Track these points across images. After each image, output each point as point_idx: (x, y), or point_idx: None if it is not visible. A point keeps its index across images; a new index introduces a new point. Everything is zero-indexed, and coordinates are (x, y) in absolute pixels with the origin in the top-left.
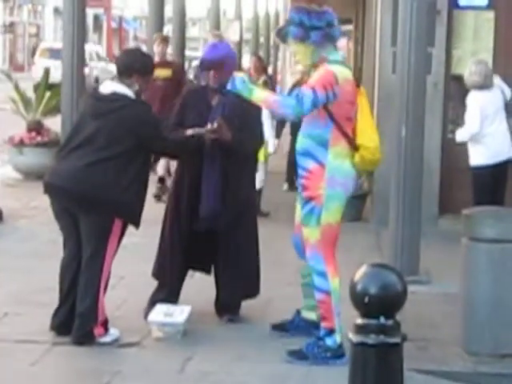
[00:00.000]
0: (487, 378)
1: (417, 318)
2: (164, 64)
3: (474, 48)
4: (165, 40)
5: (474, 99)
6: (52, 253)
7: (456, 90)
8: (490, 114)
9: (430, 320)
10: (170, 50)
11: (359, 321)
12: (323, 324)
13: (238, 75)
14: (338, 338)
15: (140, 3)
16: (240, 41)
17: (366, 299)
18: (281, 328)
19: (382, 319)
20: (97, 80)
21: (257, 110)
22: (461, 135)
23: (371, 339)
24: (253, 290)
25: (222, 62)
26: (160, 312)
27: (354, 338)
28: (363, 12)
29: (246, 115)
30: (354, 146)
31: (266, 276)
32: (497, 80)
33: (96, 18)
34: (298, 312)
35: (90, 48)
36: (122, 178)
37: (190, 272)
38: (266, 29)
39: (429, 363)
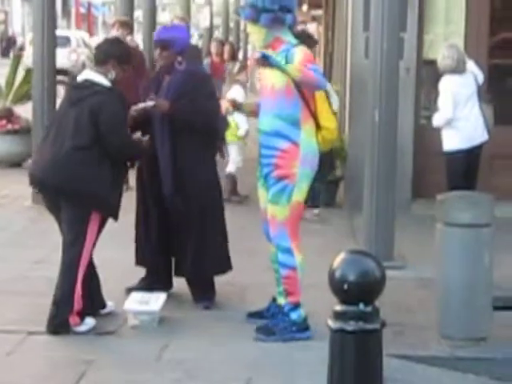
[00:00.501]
0: (463, 362)
1: (392, 303)
2: None
3: (446, 32)
4: (124, 24)
5: (447, 84)
6: (26, 242)
7: (428, 75)
8: (462, 99)
9: (405, 305)
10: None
11: (338, 307)
12: (289, 299)
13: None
14: (302, 312)
15: None
16: (210, 26)
17: (345, 286)
18: (257, 316)
19: (361, 306)
20: (83, 66)
21: (207, 87)
22: (436, 120)
23: (350, 326)
24: (222, 266)
25: (169, 42)
26: (135, 300)
27: (332, 324)
28: None
29: (195, 92)
30: (318, 126)
31: (241, 263)
32: (470, 64)
33: (64, 3)
34: (274, 299)
35: (77, 34)
36: (96, 170)
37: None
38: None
39: (405, 348)
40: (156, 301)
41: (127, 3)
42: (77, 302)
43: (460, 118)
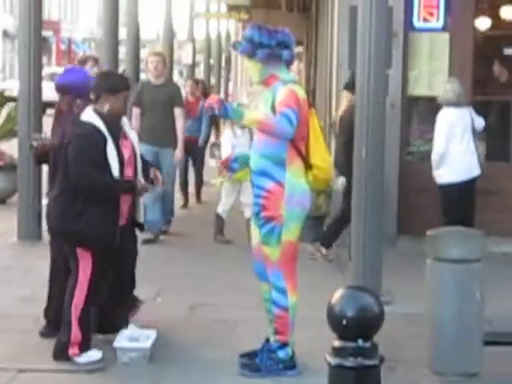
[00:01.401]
0: None
1: (382, 339)
2: None
3: (430, 69)
4: (97, 61)
5: (444, 116)
6: (10, 279)
7: (412, 111)
8: (459, 132)
9: (395, 341)
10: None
11: (337, 343)
12: (278, 337)
13: (228, 103)
14: (289, 350)
15: (89, 26)
16: (193, 63)
17: (344, 322)
18: (250, 357)
19: (360, 341)
20: None
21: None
22: (432, 155)
23: (349, 362)
24: None
25: (66, 87)
26: (125, 337)
27: (331, 360)
28: (316, 34)
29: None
30: (308, 165)
31: (230, 301)
32: (469, 109)
33: (45, 40)
34: (267, 340)
35: (60, 71)
36: (80, 208)
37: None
38: (217, 50)
39: (397, 383)
40: (146, 338)
41: (112, 40)
42: (75, 333)
43: (458, 150)
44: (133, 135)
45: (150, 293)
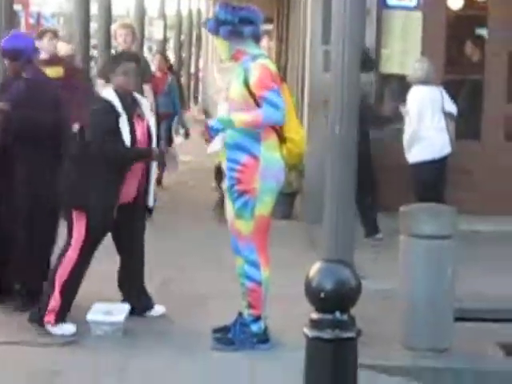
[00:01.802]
0: (426, 372)
1: (355, 314)
2: (54, 62)
3: (402, 47)
4: (56, 35)
5: (415, 94)
6: None
7: (384, 89)
8: (429, 110)
9: (367, 316)
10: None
11: (314, 316)
12: (251, 311)
13: (209, 122)
14: (262, 324)
15: (58, 0)
16: (164, 39)
17: (322, 294)
18: (223, 331)
19: (338, 314)
20: None
21: (46, 96)
22: (404, 136)
23: (327, 334)
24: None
25: (16, 53)
26: (99, 310)
27: (309, 332)
28: (287, 11)
29: (30, 101)
30: (282, 139)
31: (203, 275)
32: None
33: (14, 13)
34: (240, 314)
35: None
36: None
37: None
38: (188, 27)
39: (370, 358)
40: (119, 311)
41: (84, 15)
42: (54, 301)
43: (430, 128)
44: (149, 116)
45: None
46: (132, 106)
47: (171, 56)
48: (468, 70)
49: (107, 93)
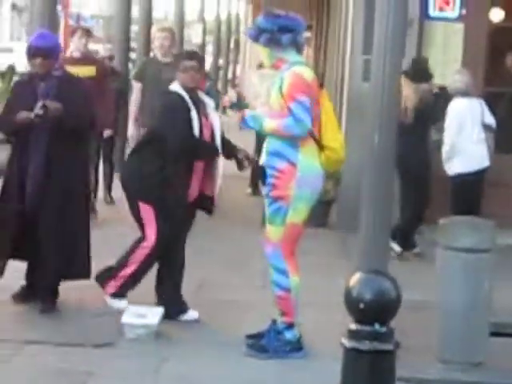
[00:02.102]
0: None
1: None
2: (86, 61)
3: (443, 59)
4: (88, 33)
5: (455, 106)
6: None
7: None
8: (469, 122)
9: (400, 327)
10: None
11: (353, 326)
12: (283, 319)
13: (249, 113)
14: (296, 332)
15: (98, 2)
16: (203, 43)
17: (361, 305)
18: (256, 338)
19: (377, 326)
20: None
21: (82, 92)
22: (444, 148)
23: (365, 345)
24: (77, 272)
25: (49, 51)
26: (133, 313)
27: (347, 343)
28: (327, 19)
29: (71, 99)
30: (320, 146)
31: (238, 280)
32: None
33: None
34: (274, 321)
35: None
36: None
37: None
38: (227, 32)
39: (403, 371)
40: (153, 315)
41: (125, 17)
42: (123, 275)
43: (467, 140)
44: (214, 116)
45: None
46: (198, 104)
47: (208, 61)
48: (509, 82)
49: (176, 86)
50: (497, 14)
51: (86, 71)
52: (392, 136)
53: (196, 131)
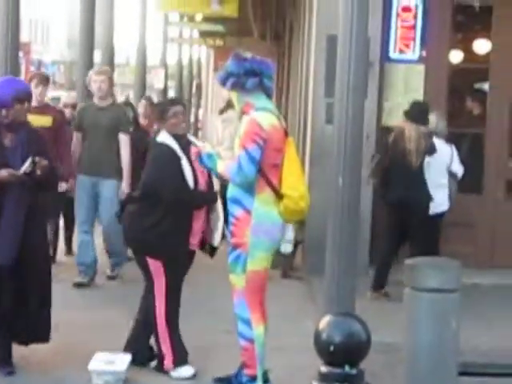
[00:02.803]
0: None
1: None
2: (43, 110)
3: (405, 100)
4: (45, 80)
5: None
6: None
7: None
8: (435, 165)
9: (369, 369)
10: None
11: (323, 369)
12: (246, 371)
13: (205, 151)
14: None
15: (59, 48)
16: (165, 88)
17: (331, 348)
18: (224, 382)
19: (347, 368)
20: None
21: (46, 143)
22: None
23: None
24: (40, 336)
25: (28, 96)
26: (100, 360)
27: None
28: (288, 62)
29: (41, 151)
30: (278, 195)
31: (206, 324)
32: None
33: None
34: (242, 367)
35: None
36: (145, 219)
37: (127, 319)
38: (189, 76)
39: None
40: (121, 361)
41: (87, 62)
42: (164, 346)
43: (429, 184)
44: None
45: (121, 317)
46: (188, 151)
47: None
48: (469, 123)
49: (164, 136)
50: (457, 56)
51: (42, 121)
52: (356, 178)
53: (190, 181)
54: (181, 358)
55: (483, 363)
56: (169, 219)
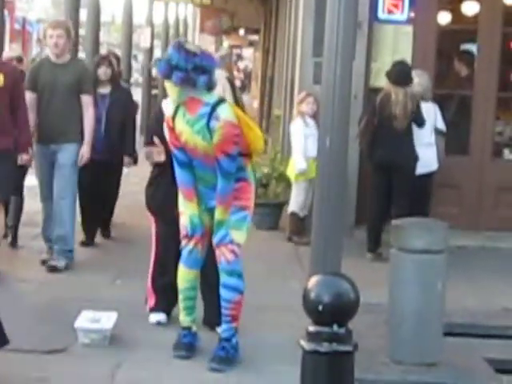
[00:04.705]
0: None
1: None
2: None
3: (393, 61)
4: (19, 61)
5: None
6: None
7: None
8: (428, 126)
9: (354, 329)
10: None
11: (312, 328)
12: (233, 324)
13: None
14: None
15: (44, 6)
16: (151, 47)
17: (320, 307)
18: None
19: (335, 327)
20: None
21: None
22: None
23: (324, 347)
24: None
25: None
26: (86, 318)
27: (306, 345)
28: (276, 22)
29: None
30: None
31: None
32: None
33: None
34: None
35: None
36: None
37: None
38: (175, 36)
39: (357, 372)
40: (108, 319)
41: (73, 21)
42: (148, 290)
43: (427, 143)
44: None
45: (110, 276)
46: None
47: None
48: (457, 84)
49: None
50: (445, 17)
51: None
52: (344, 138)
53: None
54: (157, 306)
55: (469, 324)
56: (161, 177)
